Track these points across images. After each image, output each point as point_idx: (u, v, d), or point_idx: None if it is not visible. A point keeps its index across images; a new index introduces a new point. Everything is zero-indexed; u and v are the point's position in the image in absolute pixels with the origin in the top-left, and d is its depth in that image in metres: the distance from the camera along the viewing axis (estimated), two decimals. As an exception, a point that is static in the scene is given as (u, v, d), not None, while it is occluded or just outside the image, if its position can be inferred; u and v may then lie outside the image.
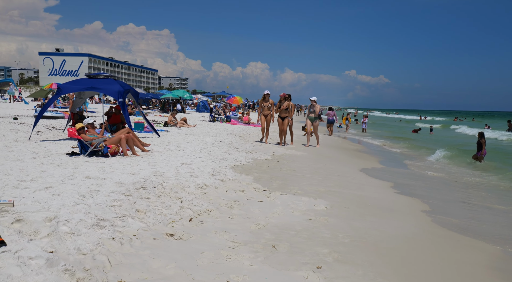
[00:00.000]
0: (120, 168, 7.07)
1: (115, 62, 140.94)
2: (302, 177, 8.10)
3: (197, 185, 6.27)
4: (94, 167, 7.04)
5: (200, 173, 7.09)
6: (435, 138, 28.53)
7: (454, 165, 12.96)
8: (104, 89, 11.79)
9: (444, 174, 10.91)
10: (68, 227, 3.82)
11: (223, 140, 13.23)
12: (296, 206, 5.76)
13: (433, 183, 9.37)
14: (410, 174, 10.40)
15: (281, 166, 9.19)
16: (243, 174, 7.65)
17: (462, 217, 6.24)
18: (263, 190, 6.51)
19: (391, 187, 8.05)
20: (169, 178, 6.42)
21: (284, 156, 11.13)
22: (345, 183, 7.97)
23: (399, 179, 9.23)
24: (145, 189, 5.53)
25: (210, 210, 5.14)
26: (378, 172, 10.18)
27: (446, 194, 8.24)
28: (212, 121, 24.89)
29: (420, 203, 6.83)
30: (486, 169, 12.06)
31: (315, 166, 9.79)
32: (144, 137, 12.98)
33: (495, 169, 11.82)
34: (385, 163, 12.35)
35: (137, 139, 9.58)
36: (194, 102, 51.21)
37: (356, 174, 9.42)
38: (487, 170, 11.87)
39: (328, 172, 9.04)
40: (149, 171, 6.84)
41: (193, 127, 19.49)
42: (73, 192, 5.00)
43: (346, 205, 6.10)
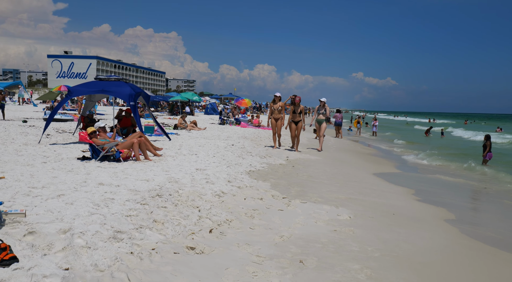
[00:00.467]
0: (134, 173, 6.85)
1: (123, 64, 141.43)
2: (320, 183, 7.83)
3: (214, 192, 6.03)
4: (106, 172, 6.83)
5: (216, 180, 6.85)
6: (447, 142, 28.07)
7: (469, 170, 12.60)
8: (115, 92, 11.60)
9: (462, 179, 10.57)
10: (83, 240, 3.59)
11: (235, 144, 12.99)
12: (318, 216, 5.49)
13: (453, 190, 9.05)
14: (429, 180, 10.08)
15: (297, 172, 8.92)
16: (259, 180, 7.39)
17: (491, 227, 5.93)
18: (282, 198, 6.25)
19: (413, 194, 7.75)
20: (184, 185, 6.19)
21: (298, 160, 10.86)
22: (364, 189, 7.69)
23: (419, 185, 8.91)
24: (161, 197, 5.30)
25: (230, 220, 4.89)
26: (396, 177, 9.87)
27: (469, 201, 7.93)
28: (222, 124, 24.67)
29: (445, 211, 6.52)
30: (497, 176, 11.67)
31: (331, 172, 9.51)
32: (154, 141, 12.78)
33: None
34: (401, 168, 12.03)
35: (150, 143, 9.36)
36: (202, 105, 51.13)
37: (374, 179, 9.13)
38: (499, 177, 11.50)
39: (345, 178, 8.76)
40: (163, 177, 6.61)
41: (203, 130, 19.28)
42: (87, 200, 4.78)
43: (369, 214, 5.82)
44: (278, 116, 13.00)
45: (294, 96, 13.05)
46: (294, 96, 13.05)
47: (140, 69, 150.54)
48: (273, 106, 13.07)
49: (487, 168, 12.74)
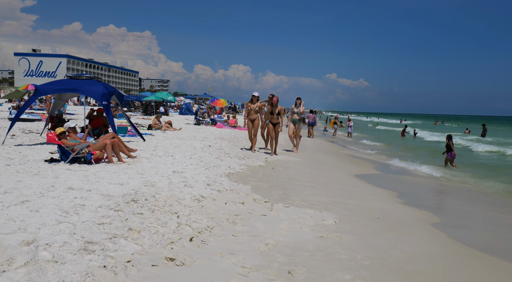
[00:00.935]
0: (107, 177, 6.44)
1: (95, 63, 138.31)
2: (302, 186, 7.61)
3: (193, 196, 5.70)
4: (77, 176, 6.40)
5: (195, 183, 6.52)
6: (420, 142, 28.47)
7: (445, 170, 12.67)
8: (87, 91, 11.09)
9: (441, 180, 10.58)
10: (50, 253, 3.22)
11: (212, 145, 12.66)
12: (303, 221, 5.26)
13: (434, 191, 9.01)
14: (409, 181, 10.03)
15: (277, 174, 8.68)
16: (240, 183, 7.10)
17: (477, 230, 5.85)
18: (264, 202, 5.98)
19: (396, 197, 7.63)
20: (161, 189, 5.84)
21: (277, 162, 10.63)
22: (347, 192, 7.51)
23: (400, 187, 8.83)
24: (137, 203, 4.94)
25: (212, 227, 4.59)
26: (376, 179, 9.77)
27: (452, 203, 7.88)
28: (197, 124, 24.23)
29: (430, 215, 6.41)
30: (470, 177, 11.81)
31: (311, 173, 9.31)
32: (128, 142, 12.30)
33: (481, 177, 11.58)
34: (380, 169, 11.98)
35: (123, 144, 8.93)
36: (177, 105, 50.38)
37: (355, 181, 8.98)
38: (476, 176, 11.63)
39: (326, 180, 8.57)
40: (138, 180, 6.24)
41: (179, 130, 18.83)
42: (55, 207, 4.38)
43: (355, 218, 5.62)
44: (255, 116, 12.35)
45: (272, 96, 12.49)
46: (272, 96, 12.49)
47: (113, 69, 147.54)
48: (250, 106, 12.41)
49: (456, 169, 12.87)
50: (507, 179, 10.94)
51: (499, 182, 10.36)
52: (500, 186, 9.73)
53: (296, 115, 13.47)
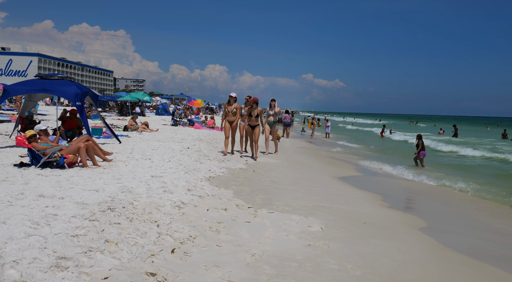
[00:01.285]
0: (81, 182, 6.10)
1: (68, 62, 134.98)
2: (284, 190, 7.43)
3: (173, 203, 5.44)
4: (48, 182, 6.03)
5: (175, 188, 6.25)
6: (398, 143, 28.79)
7: (422, 170, 12.75)
8: (59, 92, 10.64)
9: (419, 182, 10.60)
10: (17, 272, 2.93)
11: (191, 147, 12.37)
12: (288, 227, 5.07)
13: (416, 193, 9.00)
14: (392, 183, 10.01)
15: (259, 177, 8.48)
16: (221, 188, 6.87)
17: (464, 235, 5.80)
18: (248, 208, 5.77)
19: (380, 200, 7.55)
20: (140, 195, 5.55)
21: (258, 164, 10.43)
22: (330, 195, 7.38)
23: (383, 190, 8.77)
24: (114, 211, 4.65)
25: (194, 237, 4.34)
26: (359, 181, 9.69)
27: (435, 206, 7.85)
28: (175, 125, 23.81)
29: (416, 219, 6.34)
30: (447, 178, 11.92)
31: (293, 176, 9.16)
32: (103, 144, 11.89)
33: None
34: (361, 170, 11.94)
35: (98, 147, 8.57)
36: (153, 105, 49.60)
37: (337, 184, 8.88)
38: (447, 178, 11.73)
39: (309, 183, 8.43)
40: (115, 186, 5.92)
41: (156, 131, 18.41)
42: (24, 217, 4.05)
43: (341, 224, 5.47)
44: (233, 119, 11.63)
45: (249, 97, 12.22)
46: (249, 97, 12.22)
47: (86, 68, 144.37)
48: (228, 107, 11.71)
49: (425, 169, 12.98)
50: (477, 179, 11.06)
51: (471, 181, 10.42)
52: (473, 186, 9.77)
53: (271, 117, 13.35)
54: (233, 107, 11.59)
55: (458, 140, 32.35)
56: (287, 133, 24.42)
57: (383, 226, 5.64)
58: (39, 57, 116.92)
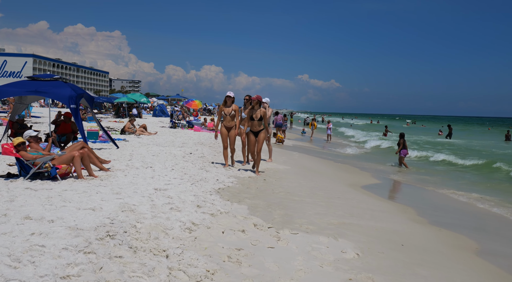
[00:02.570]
0: (75, 199, 5.32)
1: (63, 63, 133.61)
2: (303, 203, 6.67)
3: (183, 224, 4.67)
4: (37, 198, 5.25)
5: (182, 205, 5.48)
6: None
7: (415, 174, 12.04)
8: (52, 94, 9.83)
9: (448, 190, 9.87)
10: None
11: (193, 152, 11.60)
12: (320, 254, 4.31)
13: (450, 204, 8.24)
14: (418, 192, 9.26)
15: (272, 187, 7.72)
16: (234, 203, 6.10)
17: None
18: (268, 228, 5.01)
19: (413, 214, 6.80)
20: (143, 215, 4.78)
21: (267, 172, 9.66)
22: (354, 209, 6.63)
23: (410, 200, 8.04)
24: (114, 238, 3.88)
25: (213, 272, 3.57)
26: (379, 190, 8.96)
27: (474, 221, 7.10)
28: (173, 128, 23.03)
29: (465, 239, 5.59)
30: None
31: (307, 185, 8.40)
32: (100, 149, 11.12)
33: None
34: (379, 177, 11.18)
35: (94, 155, 7.79)
36: (149, 106, 48.74)
37: (357, 194, 8.13)
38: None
39: (327, 194, 7.67)
40: (114, 203, 5.15)
41: (154, 134, 17.63)
42: (3, 252, 3.28)
43: (377, 247, 4.72)
44: (231, 124, 9.51)
45: (249, 97, 10.32)
46: (249, 97, 10.32)
47: (82, 69, 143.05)
48: (224, 110, 9.53)
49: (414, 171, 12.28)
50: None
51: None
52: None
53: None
54: (231, 110, 9.45)
55: (455, 141, 31.67)
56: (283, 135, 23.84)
57: (425, 249, 4.89)
58: (34, 58, 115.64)
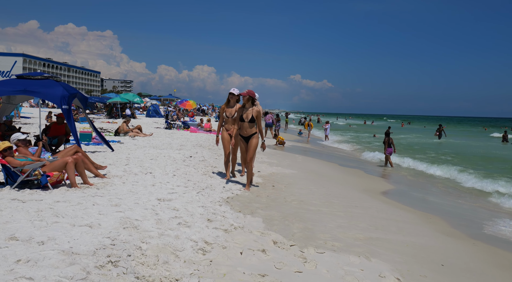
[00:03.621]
0: (69, 212, 4.67)
1: (54, 63, 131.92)
2: (320, 213, 6.08)
3: (195, 244, 4.04)
4: (25, 212, 4.60)
5: (191, 218, 4.85)
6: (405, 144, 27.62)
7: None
8: (43, 93, 9.13)
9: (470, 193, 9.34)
10: None
11: (193, 155, 10.96)
12: (355, 280, 3.71)
13: (482, 211, 7.70)
14: (436, 197, 8.71)
15: (283, 195, 7.12)
16: (246, 215, 5.48)
17: None
18: (290, 246, 4.40)
19: (438, 224, 6.23)
20: (149, 233, 4.15)
21: (274, 177, 9.06)
22: (376, 220, 6.05)
23: (430, 207, 7.45)
24: (117, 266, 3.25)
25: (238, 308, 2.96)
26: (397, 196, 8.38)
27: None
28: (169, 128, 22.33)
29: (504, 253, 5.02)
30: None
31: (319, 192, 7.81)
32: (94, 152, 10.46)
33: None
34: (390, 181, 10.61)
35: (89, 160, 7.14)
36: (142, 106, 47.88)
37: (374, 202, 7.54)
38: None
39: (342, 202, 7.09)
40: (114, 218, 4.51)
41: (150, 136, 16.93)
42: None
43: (417, 269, 4.14)
44: (233, 128, 7.97)
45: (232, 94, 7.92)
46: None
47: (73, 68, 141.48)
48: (226, 111, 7.97)
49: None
50: None
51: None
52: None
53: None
54: (234, 111, 7.86)
55: (451, 141, 31.33)
56: (271, 133, 24.02)
57: (470, 270, 4.32)
58: (24, 58, 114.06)
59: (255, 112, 7.27)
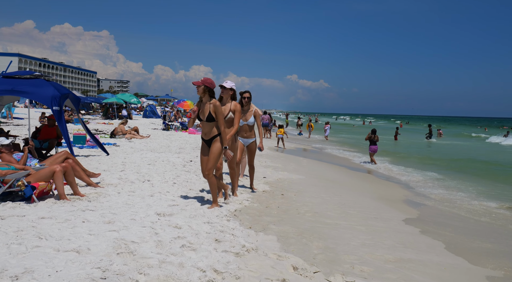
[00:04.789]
0: (54, 232, 4.01)
1: (49, 63, 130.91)
2: (338, 228, 5.43)
3: (203, 275, 3.36)
4: (1, 233, 3.94)
5: (196, 239, 4.18)
6: (404, 144, 27.02)
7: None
8: (32, 93, 8.46)
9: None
10: None
11: (193, 159, 10.30)
12: (399, 319, 3.07)
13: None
14: (454, 209, 8.07)
15: (295, 205, 6.47)
16: (258, 232, 4.81)
17: None
18: (314, 273, 3.74)
19: (464, 240, 5.59)
20: (147, 260, 3.48)
21: (281, 183, 8.42)
22: (402, 235, 5.41)
23: (457, 227, 6.81)
24: (108, 311, 2.59)
25: None
26: (417, 205, 7.71)
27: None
28: (166, 130, 21.67)
29: None
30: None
31: (333, 201, 7.16)
32: (87, 156, 9.80)
33: None
34: (405, 186, 9.94)
35: (81, 167, 6.46)
36: (139, 106, 47.17)
37: (395, 212, 6.87)
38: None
39: (360, 213, 6.43)
40: (106, 239, 3.85)
41: (147, 138, 16.26)
42: None
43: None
44: (227, 132, 5.96)
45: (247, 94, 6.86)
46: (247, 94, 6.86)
47: (69, 68, 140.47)
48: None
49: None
50: None
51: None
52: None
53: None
54: (228, 110, 6.19)
55: (452, 143, 30.77)
56: (269, 134, 23.77)
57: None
58: (20, 58, 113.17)
59: (213, 107, 5.52)
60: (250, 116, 6.79)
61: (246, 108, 6.76)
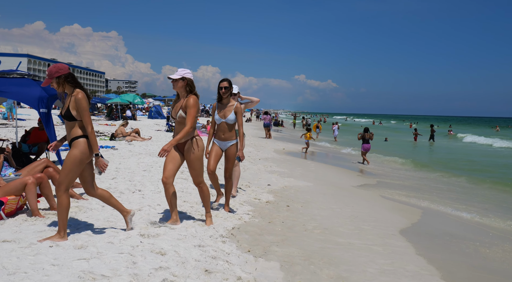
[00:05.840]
0: (10, 263, 3.32)
1: (58, 63, 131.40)
2: (352, 249, 4.68)
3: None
4: None
5: (182, 270, 3.46)
6: (406, 147, 26.15)
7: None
8: (16, 94, 7.78)
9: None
10: None
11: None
12: None
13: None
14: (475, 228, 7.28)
15: (301, 220, 5.73)
16: (258, 257, 4.07)
17: None
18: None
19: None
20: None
21: (286, 191, 7.70)
22: (428, 259, 4.65)
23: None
24: None
25: None
26: (435, 218, 6.93)
27: None
28: (170, 131, 21.02)
29: None
30: None
31: (344, 213, 6.41)
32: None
33: None
34: (418, 193, 9.18)
35: (62, 177, 5.76)
36: (145, 107, 46.69)
37: (414, 229, 6.14)
38: None
39: (376, 229, 5.67)
40: (70, 273, 3.15)
41: (148, 140, 15.61)
42: None
43: None
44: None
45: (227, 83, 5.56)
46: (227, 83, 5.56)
47: (78, 69, 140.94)
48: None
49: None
50: None
51: None
52: None
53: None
54: (179, 108, 4.91)
55: (463, 147, 29.77)
56: (268, 134, 23.79)
57: None
58: (29, 58, 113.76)
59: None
60: (230, 112, 5.41)
61: (225, 101, 5.45)
